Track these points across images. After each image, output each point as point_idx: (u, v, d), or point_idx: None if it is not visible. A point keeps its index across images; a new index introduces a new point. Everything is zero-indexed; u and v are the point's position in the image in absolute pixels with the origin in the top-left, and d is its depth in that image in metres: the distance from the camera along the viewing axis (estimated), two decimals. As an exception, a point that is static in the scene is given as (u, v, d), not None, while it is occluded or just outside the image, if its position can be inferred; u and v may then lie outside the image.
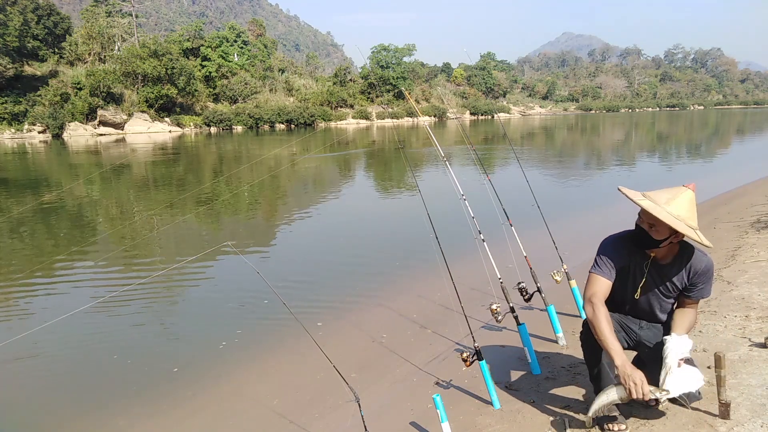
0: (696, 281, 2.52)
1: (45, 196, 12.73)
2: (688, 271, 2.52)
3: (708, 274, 2.51)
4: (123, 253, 7.62)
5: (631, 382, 2.30)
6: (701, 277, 2.51)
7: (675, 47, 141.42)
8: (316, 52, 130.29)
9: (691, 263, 2.51)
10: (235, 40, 55.12)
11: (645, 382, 2.30)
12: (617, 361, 2.35)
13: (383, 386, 3.75)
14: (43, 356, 4.51)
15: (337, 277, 6.37)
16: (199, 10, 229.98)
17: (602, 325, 2.43)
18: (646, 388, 2.28)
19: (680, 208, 2.39)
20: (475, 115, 68.08)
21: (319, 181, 16.30)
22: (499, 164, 18.07)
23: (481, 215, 4.11)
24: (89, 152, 27.04)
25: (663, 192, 2.49)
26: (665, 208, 2.37)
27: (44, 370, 4.30)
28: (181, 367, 4.23)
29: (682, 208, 2.40)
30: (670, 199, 2.41)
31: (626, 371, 2.32)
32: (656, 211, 2.36)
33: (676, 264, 2.54)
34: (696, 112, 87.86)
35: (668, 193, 2.46)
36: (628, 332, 2.70)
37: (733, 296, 4.19)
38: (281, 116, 49.25)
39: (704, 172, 15.99)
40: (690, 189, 2.45)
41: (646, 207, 2.41)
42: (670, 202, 2.39)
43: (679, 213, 2.37)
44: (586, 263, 6.07)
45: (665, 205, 2.39)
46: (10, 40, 38.83)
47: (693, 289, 2.54)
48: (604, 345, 2.42)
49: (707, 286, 2.54)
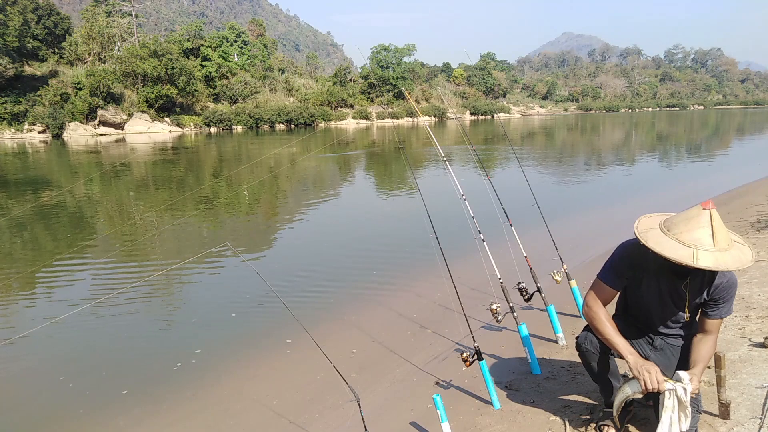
0: (717, 297, 2.29)
1: (45, 197, 12.73)
2: (709, 286, 2.29)
3: (731, 290, 2.29)
4: (123, 253, 7.62)
5: (645, 372, 2.20)
6: (722, 293, 2.28)
7: (675, 47, 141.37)
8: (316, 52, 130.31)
9: (713, 277, 2.28)
10: (235, 40, 55.12)
11: (659, 372, 2.20)
12: (627, 356, 2.28)
13: (383, 386, 3.75)
14: (43, 356, 4.51)
15: (336, 277, 6.37)
16: (199, 10, 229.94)
17: (605, 324, 2.36)
18: (660, 377, 2.19)
19: (724, 238, 2.09)
20: (475, 115, 68.07)
21: (319, 181, 16.30)
22: (499, 164, 18.06)
23: (481, 215, 4.11)
24: (89, 152, 27.04)
25: (686, 223, 2.14)
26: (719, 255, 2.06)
27: (44, 370, 4.29)
28: (181, 367, 4.23)
29: (725, 238, 2.10)
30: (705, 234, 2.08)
31: (638, 362, 2.24)
32: (720, 264, 2.05)
33: (699, 278, 2.30)
34: (696, 112, 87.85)
35: (694, 222, 2.12)
36: (637, 346, 2.51)
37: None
38: (281, 116, 49.25)
39: (704, 172, 15.98)
40: (711, 208, 2.12)
41: (706, 267, 2.05)
42: (716, 239, 2.08)
43: (729, 243, 2.10)
44: (586, 263, 6.11)
45: (716, 250, 2.07)
46: (10, 40, 38.83)
47: (713, 306, 2.32)
48: (610, 343, 2.34)
49: (729, 304, 2.31)
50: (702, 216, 2.11)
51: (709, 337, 2.33)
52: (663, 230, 2.19)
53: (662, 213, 2.37)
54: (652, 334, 2.52)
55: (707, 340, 2.33)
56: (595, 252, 6.53)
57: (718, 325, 2.36)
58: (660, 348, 2.50)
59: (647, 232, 2.22)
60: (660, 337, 2.50)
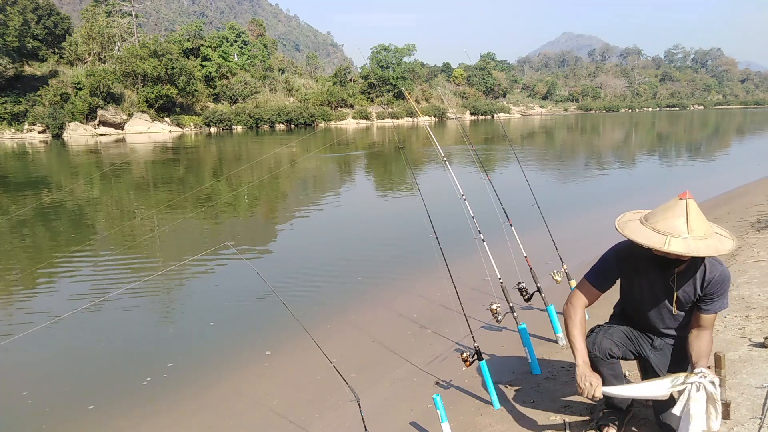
0: (710, 291, 2.31)
1: (45, 197, 12.73)
2: (701, 281, 2.32)
3: (724, 284, 2.31)
4: (123, 253, 7.62)
5: (587, 383, 2.31)
6: (715, 287, 2.30)
7: (675, 47, 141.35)
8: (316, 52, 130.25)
9: (704, 272, 2.31)
10: (235, 40, 55.12)
11: (599, 386, 2.31)
12: (578, 363, 2.38)
13: (383, 386, 3.75)
14: (43, 357, 4.50)
15: (337, 277, 6.37)
16: (199, 10, 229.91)
17: (575, 325, 2.45)
18: (598, 392, 2.31)
19: (700, 227, 2.14)
20: (475, 115, 68.07)
21: (319, 181, 16.30)
22: (499, 164, 18.06)
23: (481, 215, 4.11)
24: (89, 152, 27.04)
25: (664, 212, 2.20)
26: (692, 242, 2.12)
27: (44, 370, 4.29)
28: (181, 367, 4.23)
29: (702, 227, 2.15)
30: (680, 222, 2.14)
31: (584, 373, 2.34)
32: (691, 249, 2.11)
33: (690, 273, 2.33)
34: (696, 112, 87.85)
35: (670, 212, 2.18)
36: (638, 347, 2.55)
37: (733, 296, 4.19)
38: (281, 116, 49.24)
39: (704, 172, 15.98)
40: (688, 198, 2.19)
41: (677, 251, 2.11)
42: (691, 227, 2.13)
43: (706, 232, 2.16)
44: (586, 263, 6.08)
45: (690, 238, 2.12)
46: (10, 40, 38.82)
47: (707, 300, 2.33)
48: (571, 342, 2.44)
49: (723, 298, 2.33)
50: (678, 206, 2.18)
51: (705, 332, 2.37)
52: (642, 222, 2.27)
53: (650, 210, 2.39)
54: (651, 335, 2.53)
55: (704, 336, 2.36)
56: (595, 252, 6.46)
57: (713, 320, 2.39)
58: (660, 348, 2.52)
59: (626, 224, 2.31)
60: (660, 337, 2.52)
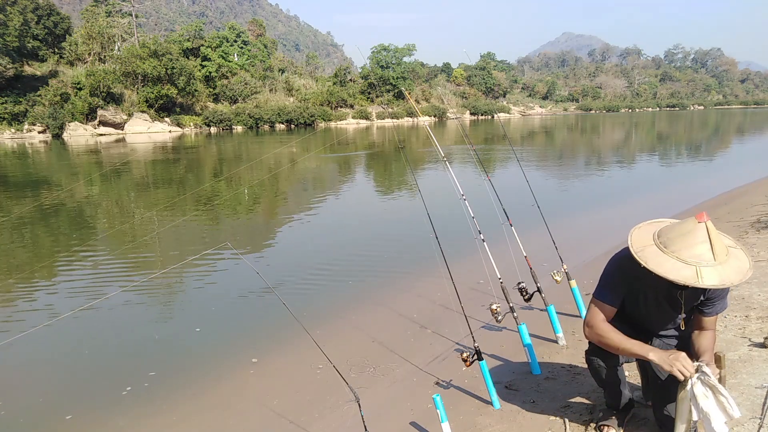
0: (712, 295, 2.28)
1: (45, 197, 12.73)
2: (704, 290, 2.25)
3: (725, 288, 2.24)
4: (123, 253, 7.62)
5: (676, 363, 2.12)
6: (718, 291, 2.26)
7: (675, 47, 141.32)
8: (316, 52, 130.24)
9: None
10: (235, 40, 55.12)
11: (686, 356, 2.14)
12: (649, 356, 2.21)
13: (383, 386, 3.75)
14: (43, 357, 4.50)
15: (337, 277, 6.37)
16: (199, 10, 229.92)
17: (613, 338, 2.30)
18: (688, 361, 2.13)
19: (722, 249, 2.04)
20: (475, 115, 68.07)
21: (319, 181, 16.30)
22: (499, 164, 18.07)
23: (481, 215, 4.11)
24: (89, 152, 27.04)
25: (683, 239, 2.07)
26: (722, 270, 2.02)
27: (44, 370, 4.29)
28: (182, 367, 4.23)
29: (723, 248, 2.05)
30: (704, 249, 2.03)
31: (663, 357, 2.17)
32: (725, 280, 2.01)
33: None
34: (696, 112, 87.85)
35: (691, 238, 2.06)
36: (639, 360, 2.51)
37: (733, 296, 4.19)
38: (281, 116, 49.25)
39: (704, 171, 15.99)
40: (707, 221, 2.06)
41: (713, 286, 2.01)
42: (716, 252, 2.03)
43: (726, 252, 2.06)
44: (586, 263, 6.11)
45: (717, 264, 2.02)
46: (10, 40, 38.84)
47: (709, 304, 2.30)
48: (627, 352, 2.29)
49: (723, 301, 2.31)
50: (698, 231, 2.05)
51: (708, 332, 2.34)
52: (660, 247, 2.11)
53: (652, 221, 2.30)
54: (651, 337, 2.52)
55: (706, 334, 2.33)
56: (595, 252, 6.53)
57: (715, 321, 2.37)
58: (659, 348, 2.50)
59: (644, 251, 2.15)
60: (658, 338, 2.51)
